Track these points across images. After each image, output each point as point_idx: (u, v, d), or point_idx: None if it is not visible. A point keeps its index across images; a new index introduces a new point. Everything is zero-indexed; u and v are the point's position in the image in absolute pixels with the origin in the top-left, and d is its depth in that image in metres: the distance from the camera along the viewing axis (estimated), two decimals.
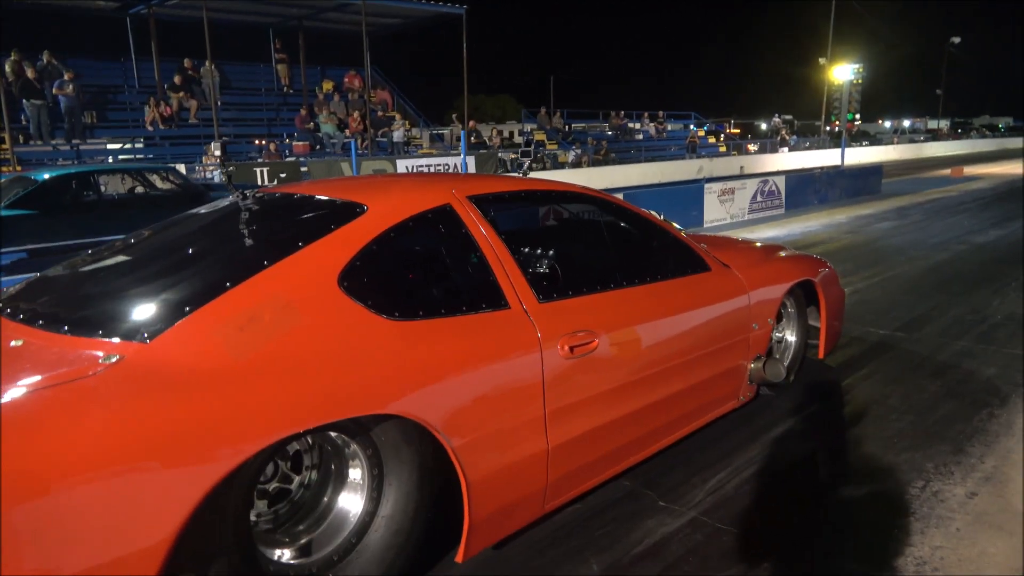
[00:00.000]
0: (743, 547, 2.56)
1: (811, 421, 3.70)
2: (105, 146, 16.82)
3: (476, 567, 2.47)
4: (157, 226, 2.87)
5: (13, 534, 1.47)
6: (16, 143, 14.76)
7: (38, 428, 1.57)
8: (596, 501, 2.89)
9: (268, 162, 15.73)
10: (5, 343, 1.97)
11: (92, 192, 9.12)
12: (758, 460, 3.24)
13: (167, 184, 9.78)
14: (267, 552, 2.08)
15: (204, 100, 18.46)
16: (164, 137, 17.76)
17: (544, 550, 2.57)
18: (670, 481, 3.06)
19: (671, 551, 2.55)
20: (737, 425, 3.60)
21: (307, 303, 2.08)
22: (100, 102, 18.11)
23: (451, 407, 2.19)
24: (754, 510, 2.81)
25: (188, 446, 1.69)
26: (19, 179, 9.12)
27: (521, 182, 3.35)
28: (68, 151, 15.85)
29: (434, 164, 17.66)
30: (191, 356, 1.84)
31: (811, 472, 3.21)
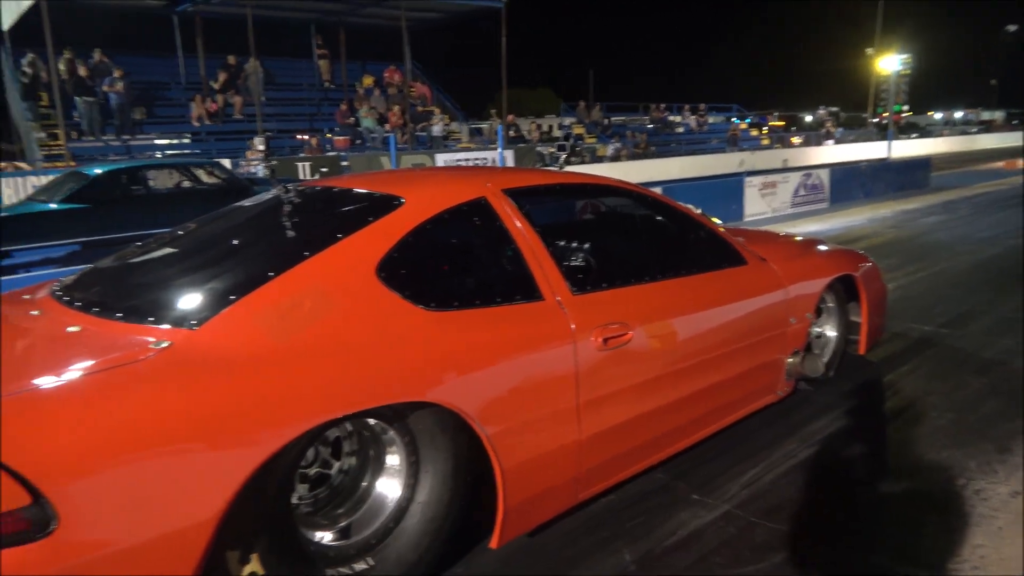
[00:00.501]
0: (777, 541, 2.56)
1: (850, 417, 3.66)
2: (153, 142, 17.30)
3: (510, 555, 2.51)
4: (203, 219, 2.97)
5: (72, 507, 1.54)
6: (69, 139, 15.26)
7: (94, 408, 1.66)
8: (629, 492, 2.91)
9: (310, 157, 15.99)
10: (63, 328, 2.09)
11: (141, 186, 9.41)
12: (795, 455, 3.22)
13: (212, 178, 10.02)
14: (308, 533, 2.14)
15: (248, 96, 18.82)
16: (210, 132, 18.18)
17: (577, 539, 2.60)
18: (704, 474, 3.06)
19: (704, 543, 2.56)
20: (774, 419, 3.58)
21: (346, 293, 2.15)
22: (148, 98, 18.61)
23: (485, 396, 2.23)
24: (789, 505, 2.80)
25: (233, 428, 1.77)
26: (73, 174, 9.44)
27: (556, 176, 3.38)
28: (118, 147, 16.32)
29: (472, 158, 17.75)
30: (236, 342, 1.92)
31: (848, 467, 3.18)
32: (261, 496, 1.88)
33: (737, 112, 31.46)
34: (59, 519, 1.53)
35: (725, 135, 27.45)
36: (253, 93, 18.49)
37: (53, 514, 1.52)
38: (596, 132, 24.38)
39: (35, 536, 1.51)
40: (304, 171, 14.96)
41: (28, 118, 16.32)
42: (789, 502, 2.82)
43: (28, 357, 2.01)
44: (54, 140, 15.83)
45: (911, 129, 50.02)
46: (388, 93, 21.62)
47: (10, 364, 1.90)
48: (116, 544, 1.61)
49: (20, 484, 1.49)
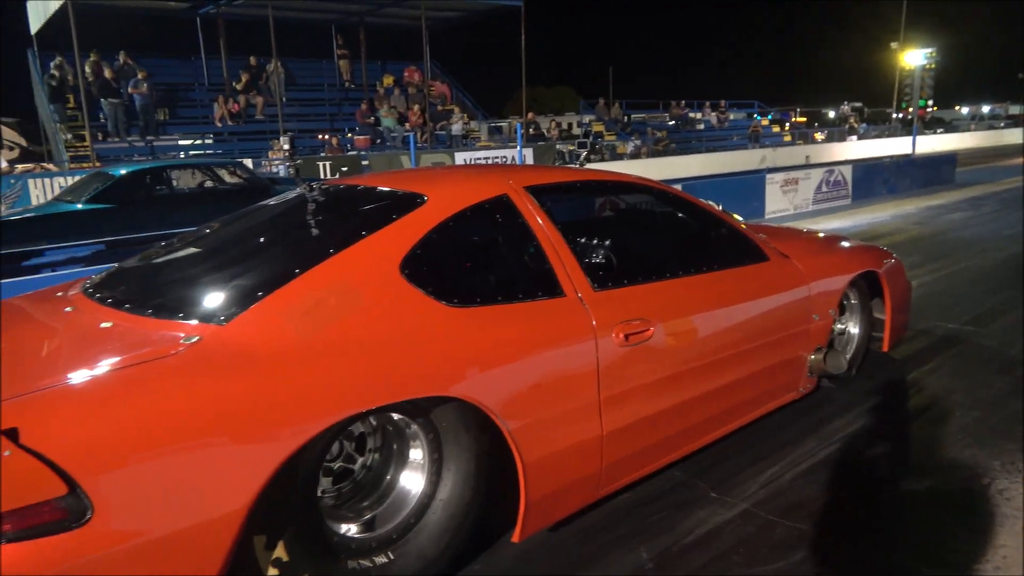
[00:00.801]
0: (796, 540, 2.55)
1: (872, 415, 3.63)
2: (177, 142, 17.52)
3: (528, 552, 2.52)
4: (229, 217, 3.03)
5: (106, 498, 1.59)
6: (95, 140, 15.50)
7: (127, 401, 1.71)
8: (647, 490, 2.91)
9: (330, 156, 16.09)
10: (97, 324, 2.15)
11: (165, 187, 9.53)
12: (815, 453, 3.20)
13: (234, 178, 10.12)
14: (333, 526, 2.18)
15: (270, 96, 18.99)
16: (232, 133, 18.37)
17: (594, 536, 2.61)
18: (723, 472, 3.05)
19: (721, 542, 2.55)
20: (795, 417, 3.56)
21: (370, 289, 2.19)
22: (172, 100, 18.86)
23: (508, 391, 2.25)
24: (809, 503, 2.79)
25: (261, 421, 1.81)
26: (98, 175, 9.59)
27: (577, 173, 3.41)
28: (143, 147, 16.55)
29: (492, 156, 17.77)
30: (263, 338, 1.96)
31: (869, 466, 3.16)
32: (288, 488, 1.92)
33: (758, 108, 31.18)
34: (94, 509, 1.57)
35: (746, 131, 27.23)
36: (274, 93, 18.66)
37: (88, 504, 1.57)
38: (616, 129, 24.30)
39: (70, 526, 1.55)
40: (325, 171, 15.07)
41: (55, 120, 16.63)
42: (809, 501, 2.81)
43: (63, 352, 2.07)
44: (80, 141, 16.10)
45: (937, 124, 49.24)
46: (408, 92, 21.70)
47: (45, 359, 1.98)
48: (148, 534, 1.66)
49: (56, 474, 1.53)
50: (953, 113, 63.22)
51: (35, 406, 1.65)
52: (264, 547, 1.91)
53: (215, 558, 1.74)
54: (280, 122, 17.34)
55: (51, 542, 1.54)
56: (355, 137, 19.05)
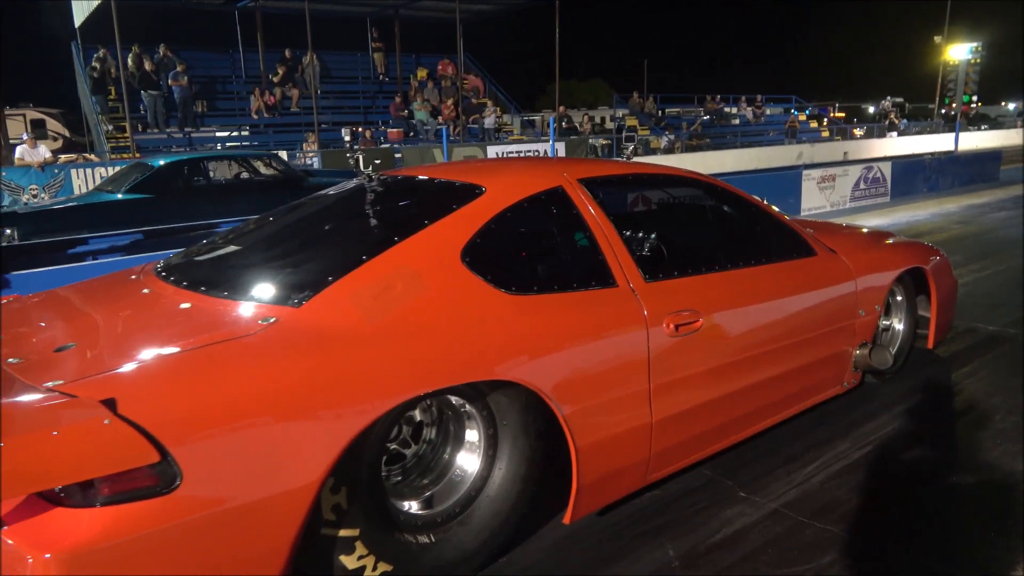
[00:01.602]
0: (826, 542, 2.51)
1: (907, 417, 3.55)
2: (214, 134, 17.79)
3: (554, 546, 2.52)
4: (293, 205, 3.15)
5: (194, 466, 1.68)
6: (135, 132, 15.81)
7: (212, 376, 1.81)
8: (675, 488, 2.89)
9: (364, 149, 16.22)
10: (176, 305, 2.27)
11: (202, 177, 9.69)
12: (848, 455, 3.15)
13: (269, 170, 10.25)
14: (397, 503, 2.26)
15: (305, 89, 19.18)
16: (268, 125, 18.61)
17: (621, 532, 2.60)
18: (752, 472, 3.01)
19: (749, 542, 2.52)
20: (827, 418, 3.50)
21: (433, 276, 2.27)
22: (210, 92, 19.14)
23: (562, 377, 2.32)
24: (840, 505, 2.74)
25: (334, 398, 1.90)
26: (137, 165, 9.78)
27: (628, 166, 3.44)
28: (181, 139, 16.84)
29: (524, 150, 17.75)
30: (335, 320, 2.05)
31: (903, 469, 3.09)
32: (357, 464, 2.01)
33: (796, 103, 30.62)
34: (183, 476, 1.66)
35: (783, 127, 26.79)
36: (310, 86, 18.84)
37: (178, 471, 1.66)
38: (649, 124, 24.09)
39: (161, 491, 1.65)
40: (358, 163, 15.18)
41: (97, 111, 17.00)
42: (840, 503, 2.76)
43: (148, 330, 2.17)
44: (121, 133, 16.44)
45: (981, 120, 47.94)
46: (441, 85, 21.76)
47: (132, 336, 2.11)
48: (229, 502, 1.74)
49: (150, 443, 1.61)
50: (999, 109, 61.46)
51: (129, 379, 1.76)
52: (333, 519, 1.99)
53: (289, 529, 1.83)
54: (315, 114, 17.50)
55: (142, 506, 1.63)
56: (388, 130, 19.16)
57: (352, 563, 2.04)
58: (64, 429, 1.55)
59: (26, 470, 1.49)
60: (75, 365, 1.90)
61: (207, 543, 1.73)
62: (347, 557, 2.03)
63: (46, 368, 1.89)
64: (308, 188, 10.06)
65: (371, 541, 2.07)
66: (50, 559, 1.55)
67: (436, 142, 17.24)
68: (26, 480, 1.51)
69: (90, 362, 1.90)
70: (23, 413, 1.64)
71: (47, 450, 1.52)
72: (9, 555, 1.61)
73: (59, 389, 1.71)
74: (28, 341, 2.20)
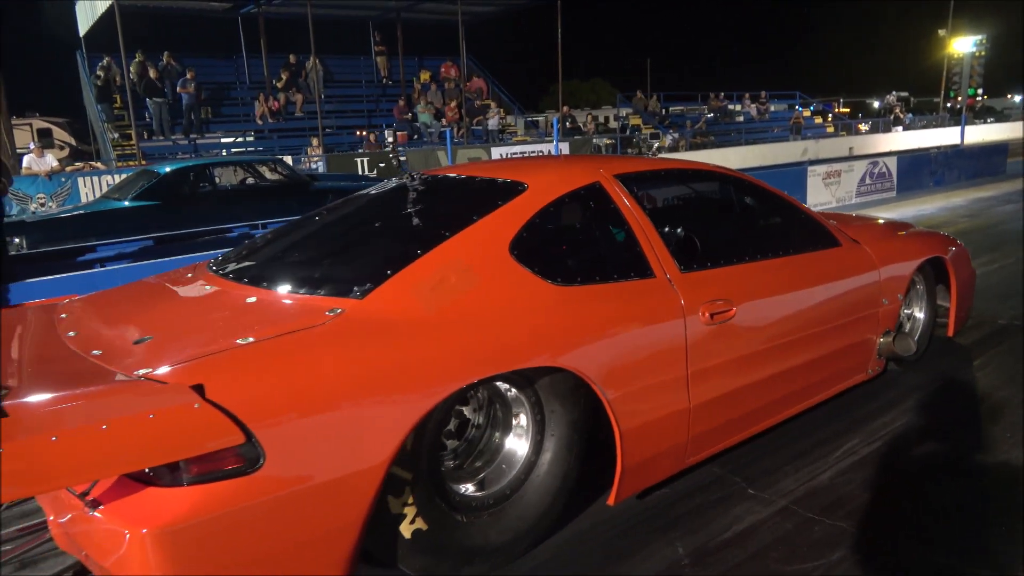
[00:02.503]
0: (836, 538, 2.50)
1: (917, 412, 3.54)
2: (219, 140, 17.86)
3: (564, 543, 2.52)
4: (340, 203, 3.26)
5: (276, 447, 1.79)
6: (141, 139, 15.89)
7: (289, 363, 1.92)
8: (684, 485, 2.89)
9: (368, 152, 16.25)
10: (242, 299, 2.37)
11: (208, 184, 9.72)
12: (856, 450, 3.14)
13: (275, 175, 10.28)
14: (453, 486, 2.36)
15: (309, 94, 19.23)
16: (272, 130, 18.66)
17: (631, 530, 2.60)
18: (761, 469, 3.01)
19: (759, 539, 2.52)
20: (835, 414, 3.50)
21: (485, 268, 2.39)
22: (214, 98, 19.21)
23: (607, 363, 2.43)
24: (849, 501, 2.74)
25: (399, 384, 2.02)
26: (143, 172, 9.83)
27: (660, 162, 3.55)
28: (186, 145, 16.90)
29: (528, 151, 17.75)
30: (397, 310, 2.17)
31: (912, 464, 3.08)
32: (419, 447, 2.13)
33: (800, 99, 30.50)
34: (266, 456, 1.77)
35: (787, 123, 26.70)
36: (313, 91, 18.89)
37: (261, 452, 1.77)
38: (653, 123, 24.06)
39: (246, 471, 1.75)
40: (362, 166, 15.23)
41: (102, 119, 17.09)
42: (849, 498, 2.76)
43: (220, 322, 2.26)
44: (127, 140, 16.52)
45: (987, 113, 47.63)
46: (445, 88, 21.78)
47: (207, 328, 2.21)
48: (308, 481, 1.85)
49: (236, 425, 1.72)
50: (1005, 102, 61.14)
51: (211, 367, 1.85)
52: (397, 499, 2.11)
53: (360, 507, 1.94)
54: (319, 119, 17.55)
55: (229, 485, 1.73)
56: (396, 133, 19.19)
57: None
58: (159, 412, 1.66)
59: (126, 450, 1.60)
60: (157, 355, 1.98)
61: (287, 520, 1.83)
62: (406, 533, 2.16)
63: (128, 359, 2.00)
64: (313, 192, 10.11)
65: (431, 520, 2.20)
66: (147, 534, 1.65)
67: (440, 144, 17.26)
68: (126, 460, 1.61)
69: (171, 352, 1.99)
70: (120, 398, 1.76)
71: (144, 432, 1.63)
72: (105, 532, 1.73)
73: (149, 377, 1.83)
74: (103, 335, 2.30)
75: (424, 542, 2.19)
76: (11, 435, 1.53)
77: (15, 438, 1.53)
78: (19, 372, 2.12)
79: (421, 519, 2.18)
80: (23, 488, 1.56)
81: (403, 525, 2.14)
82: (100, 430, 1.59)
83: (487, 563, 2.33)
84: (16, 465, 1.49)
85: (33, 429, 1.61)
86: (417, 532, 2.17)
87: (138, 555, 1.66)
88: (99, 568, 1.84)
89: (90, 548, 1.84)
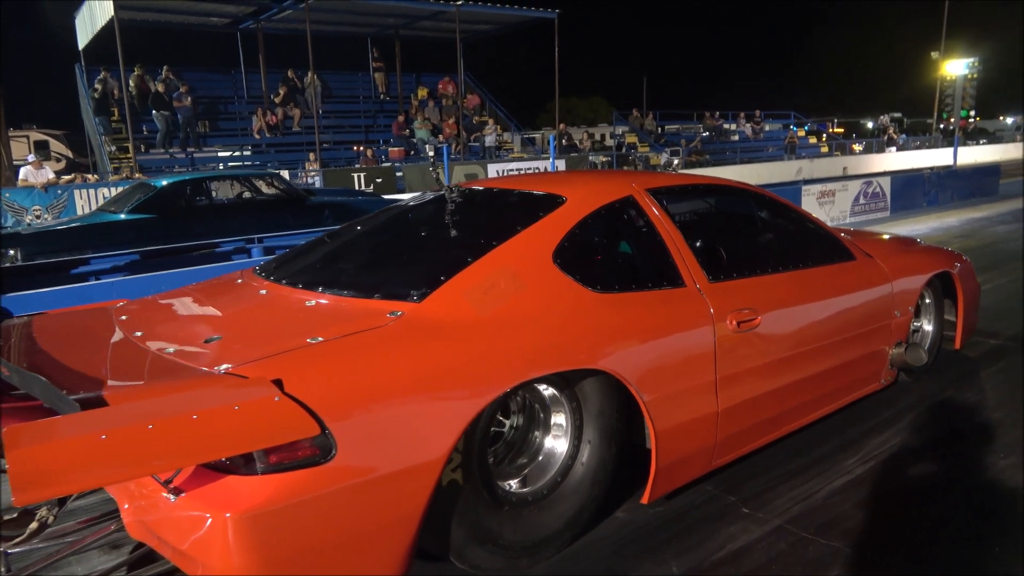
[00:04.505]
0: (829, 558, 2.50)
1: (910, 431, 3.54)
2: (216, 154, 17.87)
3: (555, 562, 2.51)
4: (382, 213, 3.42)
5: (347, 439, 1.89)
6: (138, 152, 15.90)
7: (357, 361, 2.04)
8: (678, 504, 2.88)
9: (365, 167, 16.29)
10: (302, 302, 2.48)
11: (204, 197, 9.72)
12: (851, 470, 3.14)
13: (272, 189, 10.29)
14: (499, 482, 2.45)
15: (307, 109, 19.29)
16: (270, 145, 18.69)
17: (624, 548, 2.59)
18: (755, 488, 3.01)
19: (753, 558, 2.51)
20: (829, 433, 3.50)
21: (531, 274, 2.51)
22: (212, 112, 19.26)
23: (644, 367, 2.55)
24: (843, 521, 2.73)
25: (457, 382, 2.14)
26: (140, 186, 9.82)
27: (687, 177, 3.67)
28: (183, 159, 16.92)
29: (524, 168, 17.82)
30: (452, 313, 2.29)
31: (907, 483, 3.08)
32: (470, 442, 2.24)
33: (795, 119, 30.73)
34: (337, 448, 1.88)
35: (782, 143, 26.89)
36: (311, 106, 18.95)
37: (333, 443, 1.87)
38: (649, 141, 24.19)
39: (319, 461, 1.86)
40: (359, 181, 15.26)
41: (100, 132, 17.10)
42: (844, 518, 2.76)
43: (284, 323, 2.38)
44: (124, 153, 16.53)
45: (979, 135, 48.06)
46: (442, 104, 21.89)
47: (273, 328, 2.32)
48: (376, 471, 1.96)
49: (312, 417, 1.82)
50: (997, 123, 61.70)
51: (288, 362, 1.98)
52: (450, 493, 2.21)
53: (419, 498, 2.04)
54: (317, 134, 17.60)
55: (304, 474, 1.84)
56: (390, 149, 19.25)
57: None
58: (244, 404, 1.77)
59: (215, 439, 1.70)
60: (231, 353, 2.08)
61: (356, 508, 1.94)
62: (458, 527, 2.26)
63: (202, 356, 2.11)
64: (310, 207, 10.12)
65: (480, 515, 2.29)
66: (230, 518, 1.76)
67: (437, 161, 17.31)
68: (215, 447, 1.71)
69: (244, 350, 2.08)
70: (206, 391, 1.87)
71: (231, 422, 1.73)
72: (187, 517, 1.84)
73: (231, 372, 1.94)
74: (171, 335, 2.40)
75: (474, 536, 2.29)
76: (109, 424, 1.66)
77: (114, 427, 1.65)
78: (102, 367, 2.23)
79: (472, 513, 2.27)
80: (125, 471, 1.67)
81: (455, 519, 2.23)
82: (191, 419, 1.71)
83: (533, 556, 2.45)
84: (117, 451, 1.61)
85: (129, 418, 1.73)
86: (468, 526, 2.26)
87: (221, 538, 1.77)
88: (174, 553, 1.93)
89: (168, 533, 1.93)
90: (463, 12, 19.26)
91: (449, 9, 19.05)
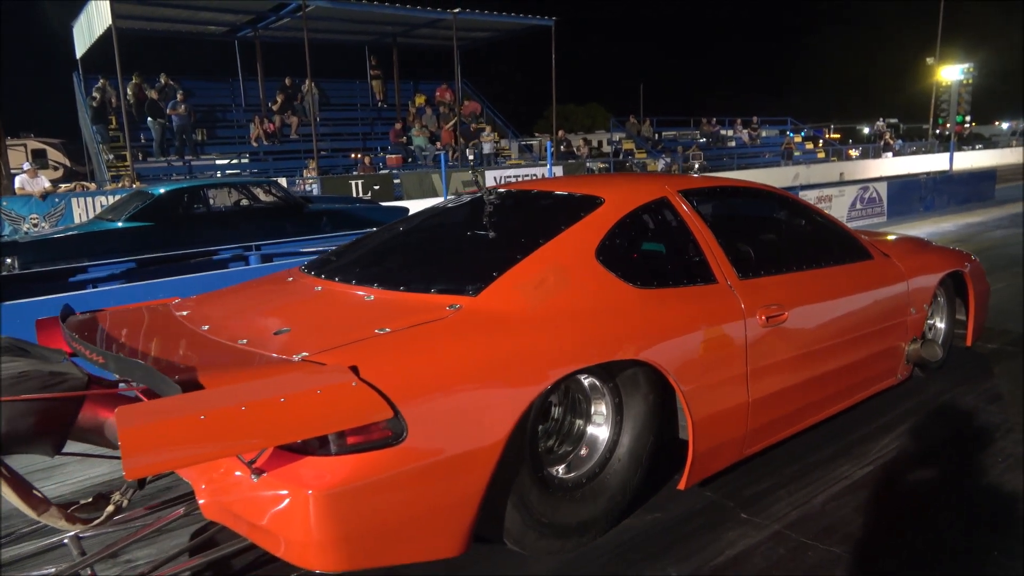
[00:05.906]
0: (829, 564, 2.50)
1: (908, 436, 3.54)
2: (214, 161, 17.89)
3: (558, 567, 2.50)
4: (424, 214, 3.62)
5: (416, 422, 2.01)
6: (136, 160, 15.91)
7: (423, 349, 2.18)
8: (677, 510, 2.88)
9: (363, 175, 16.31)
10: (359, 297, 2.62)
11: (202, 205, 9.72)
12: (849, 475, 3.14)
13: (269, 197, 10.29)
14: (547, 468, 2.56)
15: (304, 116, 19.32)
16: (267, 152, 18.73)
17: (624, 554, 2.58)
18: (753, 493, 3.00)
19: (752, 564, 2.51)
20: (827, 439, 3.50)
21: (576, 270, 2.65)
22: (210, 120, 19.29)
23: (682, 359, 2.68)
24: (842, 526, 2.73)
25: (513, 371, 2.26)
26: (138, 194, 9.82)
27: (716, 180, 3.80)
28: (181, 167, 16.93)
29: (522, 174, 17.83)
30: (507, 306, 2.42)
31: (905, 489, 3.08)
32: (524, 428, 2.33)
33: (791, 125, 30.83)
34: (408, 430, 2.00)
35: (779, 148, 26.96)
36: (309, 113, 18.98)
37: (404, 426, 1.99)
38: (646, 147, 24.24)
39: (392, 443, 1.99)
40: (357, 188, 15.28)
41: (98, 140, 17.12)
42: (843, 523, 2.75)
43: (348, 316, 2.50)
44: (122, 161, 16.54)
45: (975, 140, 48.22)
46: (440, 111, 21.93)
47: (339, 321, 2.44)
48: (443, 453, 2.08)
49: (386, 401, 1.94)
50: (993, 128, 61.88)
51: (361, 350, 2.10)
52: (505, 477, 2.28)
53: (481, 480, 2.16)
54: (314, 141, 17.64)
55: (377, 455, 1.96)
56: (387, 156, 19.28)
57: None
58: (325, 389, 1.90)
59: (300, 420, 1.83)
60: (303, 343, 2.19)
61: (423, 488, 2.05)
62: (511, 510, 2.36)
63: (274, 347, 2.22)
64: (307, 215, 10.12)
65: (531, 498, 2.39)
66: (312, 495, 1.88)
67: (435, 168, 17.33)
68: (301, 428, 1.84)
69: (315, 340, 2.19)
70: (288, 377, 1.98)
71: (314, 405, 1.86)
72: (269, 496, 1.95)
73: (307, 359, 2.05)
74: (240, 328, 2.50)
75: (526, 519, 2.39)
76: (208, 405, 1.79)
77: (212, 408, 1.78)
78: (183, 356, 2.33)
79: (524, 497, 2.37)
80: (222, 448, 1.77)
81: (510, 501, 2.34)
82: (280, 402, 1.83)
83: (579, 538, 2.57)
84: (215, 430, 1.73)
85: (225, 400, 1.83)
86: (521, 508, 2.37)
87: (302, 514, 1.89)
88: (253, 529, 2.02)
89: (249, 511, 2.02)
90: (460, 20, 19.33)
91: (446, 17, 19.11)
